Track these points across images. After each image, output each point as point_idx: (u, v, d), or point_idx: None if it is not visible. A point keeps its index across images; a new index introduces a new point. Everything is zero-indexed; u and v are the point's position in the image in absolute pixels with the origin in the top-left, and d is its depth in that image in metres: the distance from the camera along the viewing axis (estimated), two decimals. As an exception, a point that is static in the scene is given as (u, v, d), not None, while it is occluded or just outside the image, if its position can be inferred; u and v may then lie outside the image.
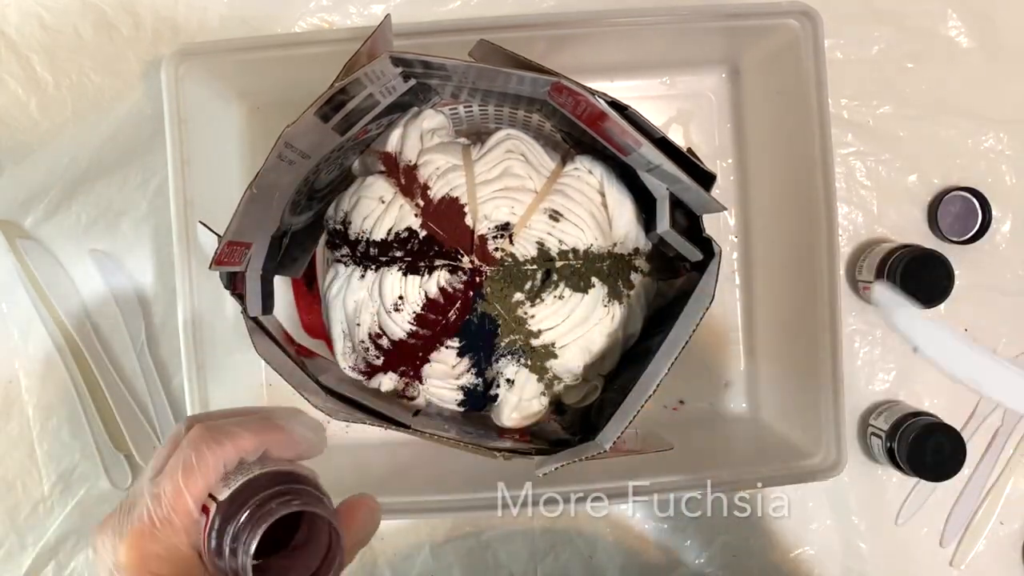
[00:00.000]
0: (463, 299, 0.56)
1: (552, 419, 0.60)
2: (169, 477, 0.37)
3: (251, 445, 0.38)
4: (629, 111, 0.49)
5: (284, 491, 0.37)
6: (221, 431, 0.38)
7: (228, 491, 0.37)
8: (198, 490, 0.37)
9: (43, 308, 0.70)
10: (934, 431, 0.64)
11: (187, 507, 0.36)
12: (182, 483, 0.36)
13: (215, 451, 0.37)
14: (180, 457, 0.37)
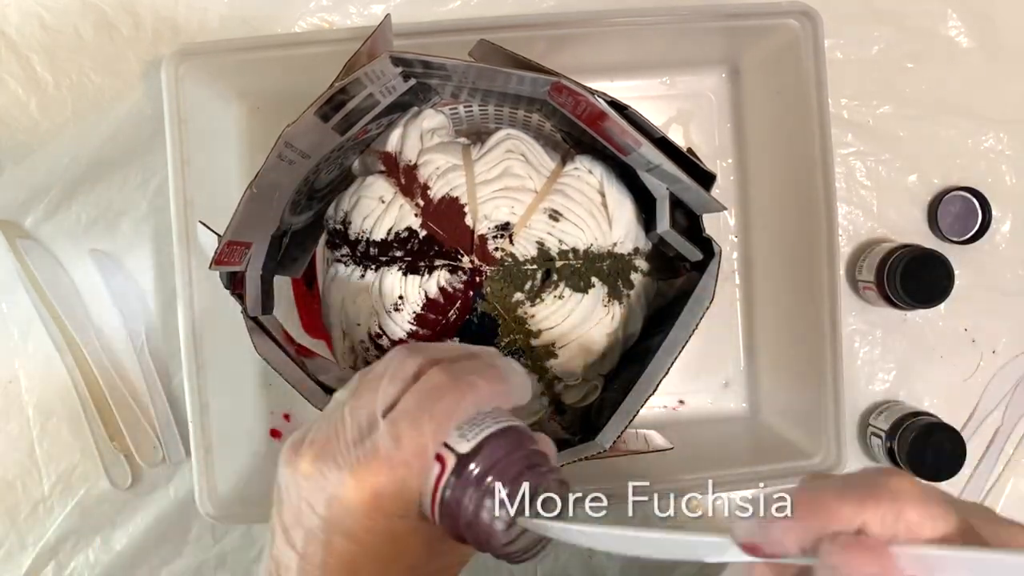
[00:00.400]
0: (463, 299, 0.56)
1: (552, 419, 0.60)
2: (412, 422, 0.35)
3: (487, 398, 0.38)
4: (629, 111, 0.49)
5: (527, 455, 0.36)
6: (463, 380, 0.37)
7: (468, 444, 0.36)
8: (439, 438, 0.36)
9: (43, 308, 0.70)
10: (934, 431, 0.64)
11: (426, 452, 0.35)
12: (427, 431, 0.35)
13: (459, 401, 0.36)
14: (421, 399, 0.36)
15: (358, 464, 0.35)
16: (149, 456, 0.70)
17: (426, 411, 0.36)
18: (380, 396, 0.36)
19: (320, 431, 0.36)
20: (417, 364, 0.38)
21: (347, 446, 0.35)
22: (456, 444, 0.36)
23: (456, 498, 0.35)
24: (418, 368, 0.38)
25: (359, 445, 0.35)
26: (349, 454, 0.35)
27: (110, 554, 0.70)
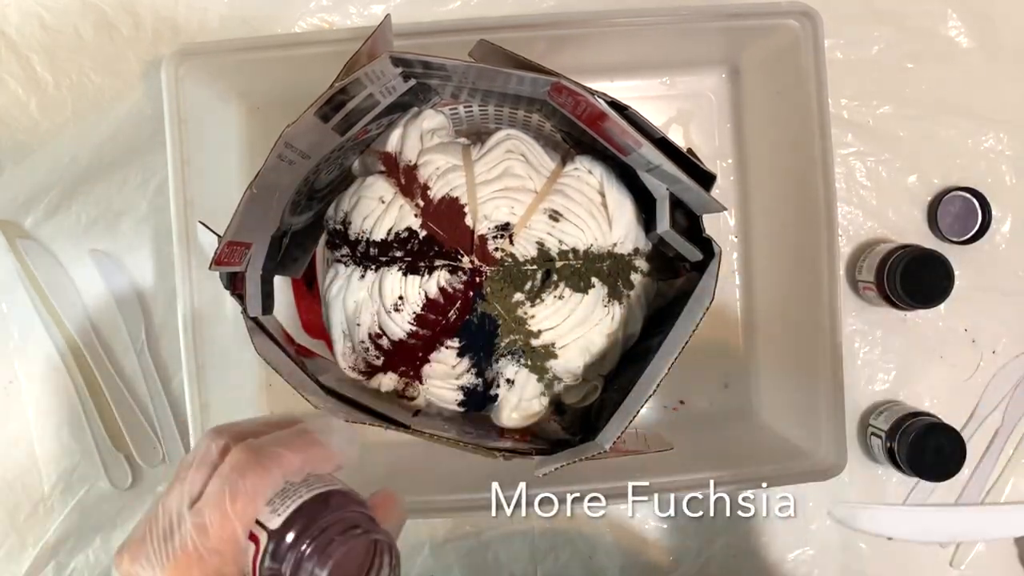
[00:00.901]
0: (463, 299, 0.56)
1: (552, 419, 0.60)
2: (215, 506, 0.35)
3: (297, 466, 0.37)
4: (629, 111, 0.49)
5: (342, 518, 0.36)
6: (265, 455, 0.36)
7: (279, 518, 0.35)
8: (247, 519, 0.35)
9: (43, 308, 0.70)
10: (934, 431, 0.64)
11: (236, 536, 0.35)
12: (232, 513, 0.35)
13: (263, 477, 0.36)
14: (224, 484, 0.35)
15: (168, 561, 0.34)
16: (149, 456, 0.70)
17: (230, 494, 0.35)
18: (186, 487, 0.36)
19: (137, 530, 0.36)
20: (221, 446, 0.37)
21: (158, 543, 0.35)
22: (268, 520, 0.35)
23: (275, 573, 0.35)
24: (222, 450, 0.37)
25: (169, 541, 0.35)
26: (160, 552, 0.35)
27: (110, 554, 0.70)
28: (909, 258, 0.63)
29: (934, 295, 0.65)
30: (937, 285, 0.64)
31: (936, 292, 0.64)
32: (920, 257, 0.64)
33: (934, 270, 0.64)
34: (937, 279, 0.64)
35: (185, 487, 0.36)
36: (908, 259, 0.63)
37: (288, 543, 0.35)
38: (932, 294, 0.64)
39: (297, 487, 0.37)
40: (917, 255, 0.64)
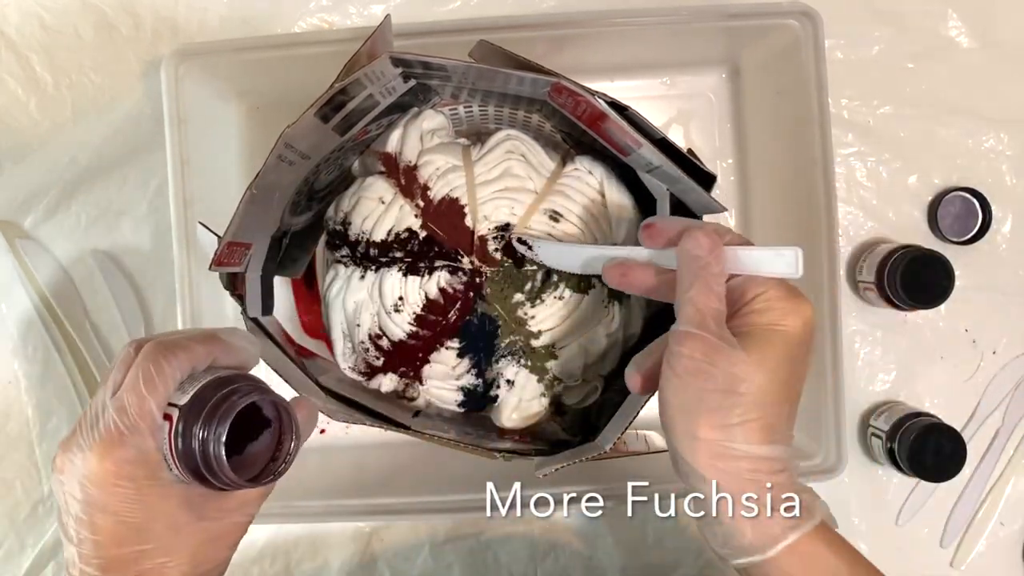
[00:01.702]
0: (463, 300, 0.56)
1: (552, 420, 0.59)
2: (131, 389, 0.39)
3: (202, 355, 0.42)
4: (629, 111, 0.49)
5: (239, 387, 0.40)
6: (174, 344, 0.41)
7: (187, 397, 0.40)
8: (160, 398, 0.39)
9: (43, 308, 0.70)
10: (934, 431, 0.64)
11: (152, 413, 0.39)
12: (145, 392, 0.39)
13: (171, 362, 0.40)
14: (139, 370, 0.39)
15: (95, 442, 0.38)
16: (149, 456, 0.70)
17: (143, 376, 0.39)
18: (109, 383, 0.40)
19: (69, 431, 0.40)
20: (135, 346, 0.41)
21: (86, 432, 0.39)
22: (178, 400, 0.40)
23: (187, 444, 0.39)
24: (136, 347, 0.41)
25: (95, 428, 0.39)
26: (88, 437, 0.39)
27: None
28: (909, 258, 0.63)
29: (934, 295, 0.65)
30: (937, 285, 0.64)
31: (936, 292, 0.64)
32: (920, 257, 0.64)
33: (934, 270, 0.64)
34: (937, 279, 0.64)
35: (108, 383, 0.40)
36: (908, 259, 0.63)
37: (195, 413, 0.39)
38: (932, 294, 0.64)
39: (203, 374, 0.41)
40: (917, 255, 0.64)
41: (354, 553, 0.70)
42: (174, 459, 0.39)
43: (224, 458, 0.39)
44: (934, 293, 0.64)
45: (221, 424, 0.39)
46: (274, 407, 0.42)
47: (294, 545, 0.70)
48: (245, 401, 0.40)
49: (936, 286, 0.64)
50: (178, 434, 0.39)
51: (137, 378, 0.39)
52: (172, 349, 0.40)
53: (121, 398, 0.39)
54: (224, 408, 0.39)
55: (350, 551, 0.70)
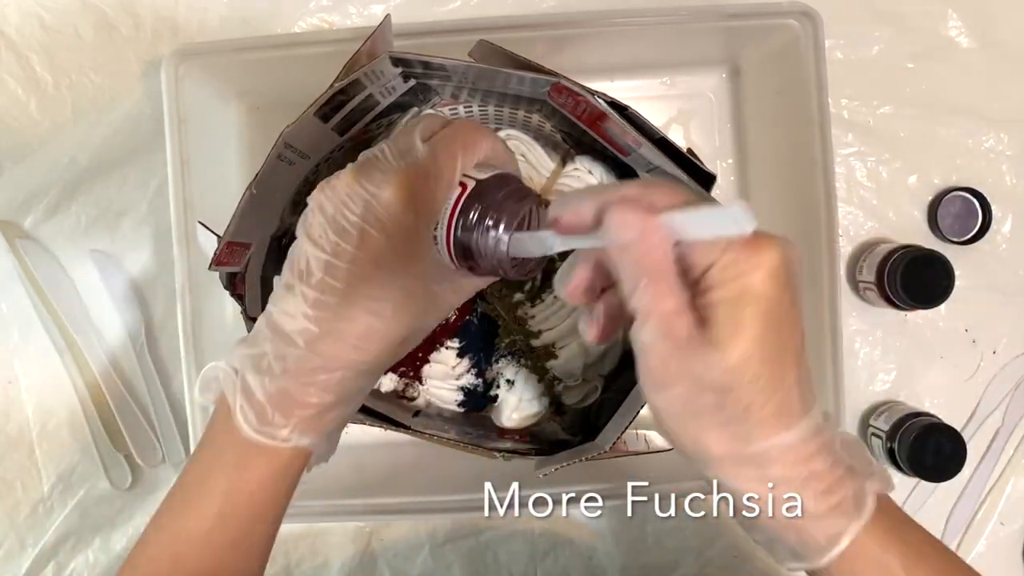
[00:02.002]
0: (463, 299, 0.56)
1: (552, 420, 0.60)
2: (445, 143, 0.39)
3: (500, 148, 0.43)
4: (629, 111, 0.49)
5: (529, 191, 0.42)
6: (484, 128, 0.42)
7: (484, 175, 0.41)
8: (466, 165, 0.40)
9: (43, 308, 0.70)
10: (934, 432, 0.64)
11: (455, 171, 0.40)
12: (459, 152, 0.40)
13: (483, 139, 0.41)
14: (456, 131, 0.40)
15: (396, 173, 0.38)
16: (149, 457, 0.70)
17: (457, 140, 0.40)
18: (420, 128, 0.40)
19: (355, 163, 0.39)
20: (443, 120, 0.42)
21: (387, 162, 0.39)
22: (475, 174, 0.41)
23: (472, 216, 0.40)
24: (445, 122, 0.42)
25: (400, 159, 0.39)
26: (389, 166, 0.38)
27: (110, 554, 0.70)
28: (909, 258, 0.63)
29: (934, 295, 0.65)
30: (937, 285, 0.64)
31: (936, 292, 0.64)
32: (920, 257, 0.64)
33: (934, 270, 0.64)
34: (937, 279, 0.64)
35: (418, 128, 0.40)
36: (908, 259, 0.63)
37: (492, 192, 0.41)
38: (932, 294, 0.64)
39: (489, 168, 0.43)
40: (917, 255, 0.64)
41: (354, 553, 0.70)
42: (451, 224, 0.40)
43: (507, 241, 0.40)
44: (934, 293, 0.64)
45: (511, 214, 0.40)
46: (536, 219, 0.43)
47: (294, 545, 0.70)
48: (533, 204, 0.42)
49: (936, 286, 0.64)
50: (469, 205, 0.40)
51: (455, 137, 0.40)
52: (484, 131, 0.42)
53: (434, 147, 0.39)
54: (517, 199, 0.41)
55: (350, 551, 0.70)
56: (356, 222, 0.38)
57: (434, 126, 0.41)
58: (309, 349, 0.38)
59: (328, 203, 0.38)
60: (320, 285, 0.38)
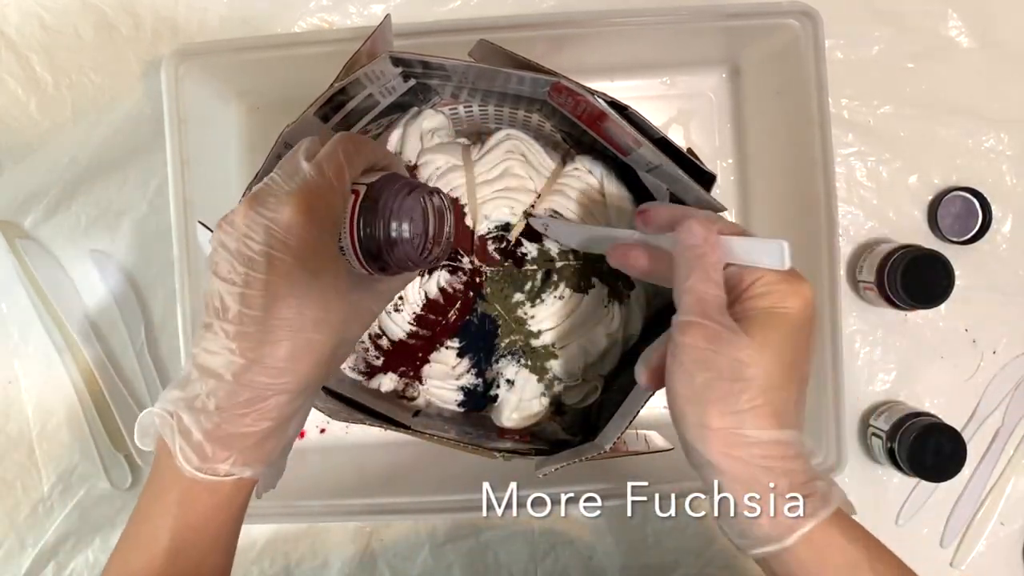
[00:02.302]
0: (463, 299, 0.56)
1: (552, 420, 0.59)
2: (330, 157, 0.41)
3: (383, 154, 0.45)
4: (629, 111, 0.49)
5: (419, 184, 0.44)
6: (365, 138, 0.44)
7: (373, 178, 0.43)
8: (353, 173, 0.42)
9: (43, 308, 0.70)
10: (934, 431, 0.64)
11: (345, 181, 0.41)
12: (344, 162, 0.41)
13: (365, 147, 0.43)
14: (338, 144, 0.41)
15: (289, 194, 0.39)
16: (149, 457, 0.69)
17: (339, 151, 0.41)
18: (303, 149, 0.41)
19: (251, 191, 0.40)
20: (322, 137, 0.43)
21: (278, 187, 0.40)
22: (364, 180, 0.43)
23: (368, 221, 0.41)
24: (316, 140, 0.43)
25: (290, 181, 0.40)
26: (281, 189, 0.39)
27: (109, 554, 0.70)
28: (909, 258, 0.63)
29: (934, 295, 0.65)
30: (937, 285, 0.64)
31: (936, 292, 0.64)
32: (920, 257, 0.64)
33: (934, 270, 0.64)
34: (937, 279, 0.64)
35: (301, 149, 0.41)
36: (908, 259, 0.63)
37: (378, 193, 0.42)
38: (932, 294, 0.64)
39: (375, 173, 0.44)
40: (917, 255, 0.64)
41: (354, 553, 0.70)
42: (352, 230, 0.41)
43: (409, 238, 0.42)
44: (934, 293, 0.64)
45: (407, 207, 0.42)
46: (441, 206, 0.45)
47: (294, 545, 0.70)
48: (427, 194, 0.43)
49: (936, 286, 0.64)
50: (364, 208, 0.41)
51: (336, 150, 0.41)
52: (366, 140, 0.43)
53: (320, 163, 0.40)
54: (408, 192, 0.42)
55: (350, 551, 0.70)
56: (261, 249, 0.38)
57: (314, 148, 0.42)
58: (238, 381, 0.38)
59: (229, 238, 0.39)
60: (238, 317, 0.38)
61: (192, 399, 0.39)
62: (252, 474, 0.40)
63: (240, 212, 0.39)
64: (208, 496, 0.40)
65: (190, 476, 0.39)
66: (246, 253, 0.38)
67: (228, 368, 0.38)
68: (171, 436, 0.39)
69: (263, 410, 0.39)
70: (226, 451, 0.39)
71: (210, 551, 0.41)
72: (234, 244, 0.39)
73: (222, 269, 0.39)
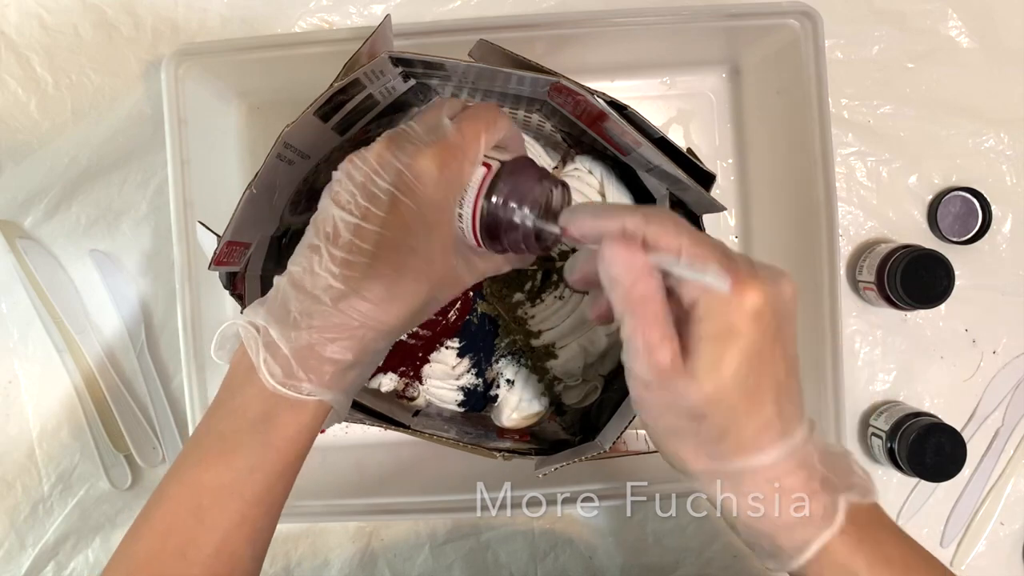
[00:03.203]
0: (463, 300, 0.56)
1: (552, 419, 0.60)
2: (472, 121, 0.41)
3: (516, 131, 0.45)
4: (628, 111, 0.49)
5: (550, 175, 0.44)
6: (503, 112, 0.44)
7: (507, 156, 0.43)
8: (488, 143, 0.42)
9: (43, 308, 0.70)
10: (934, 431, 0.64)
11: (479, 150, 0.41)
12: (483, 129, 0.41)
13: (503, 121, 0.43)
14: (480, 111, 0.42)
15: (428, 145, 0.40)
16: (149, 457, 0.70)
17: (481, 120, 0.42)
18: (446, 107, 0.42)
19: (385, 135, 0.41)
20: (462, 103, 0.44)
21: (418, 135, 0.40)
22: (498, 156, 0.43)
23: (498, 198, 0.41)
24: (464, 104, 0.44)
25: (432, 133, 0.41)
26: (421, 139, 0.40)
27: (110, 554, 0.70)
28: (909, 258, 0.63)
29: (934, 295, 0.65)
30: (937, 285, 0.64)
31: (936, 292, 0.64)
32: (920, 257, 0.64)
33: (934, 270, 0.64)
34: (937, 279, 0.64)
35: (445, 107, 0.42)
36: (908, 259, 0.63)
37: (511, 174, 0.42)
38: (932, 294, 0.64)
39: (504, 150, 0.45)
40: (917, 255, 0.64)
41: (354, 553, 0.70)
42: (477, 203, 0.42)
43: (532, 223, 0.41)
44: (934, 293, 0.64)
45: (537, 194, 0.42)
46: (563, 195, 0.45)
47: (294, 545, 0.70)
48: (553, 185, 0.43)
49: (936, 286, 0.64)
50: (495, 185, 0.42)
51: (478, 117, 0.42)
52: (502, 114, 0.44)
53: (461, 125, 0.41)
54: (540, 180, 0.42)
55: (350, 551, 0.70)
56: (387, 189, 0.39)
57: (456, 107, 0.43)
58: (335, 306, 0.38)
59: (357, 172, 0.40)
60: (348, 246, 0.39)
61: (285, 315, 0.39)
62: (331, 399, 0.40)
63: (375, 149, 0.40)
64: (292, 416, 0.39)
65: (273, 391, 0.38)
66: (371, 189, 0.39)
67: (328, 292, 0.39)
68: (256, 349, 0.39)
69: (352, 340, 0.39)
70: (311, 371, 0.39)
71: (283, 474, 0.40)
72: (361, 177, 0.39)
73: (342, 198, 0.39)
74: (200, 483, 0.39)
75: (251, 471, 0.39)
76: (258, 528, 0.40)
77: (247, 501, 0.39)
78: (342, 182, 0.40)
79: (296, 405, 0.39)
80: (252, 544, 0.41)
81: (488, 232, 0.42)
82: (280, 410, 0.39)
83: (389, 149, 0.39)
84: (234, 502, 0.39)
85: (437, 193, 0.39)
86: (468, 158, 0.41)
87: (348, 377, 0.40)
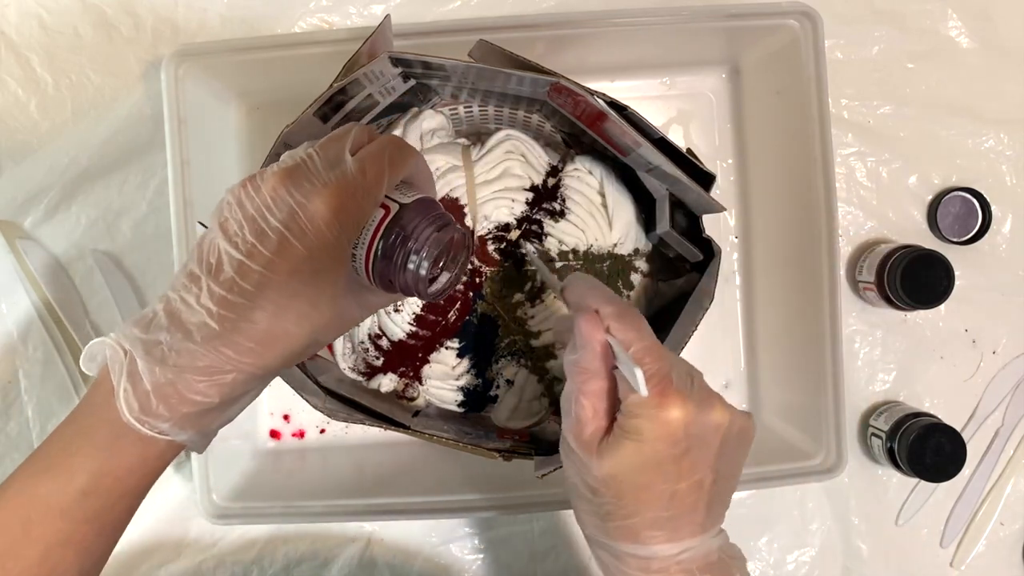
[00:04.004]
0: (463, 300, 0.56)
1: (552, 420, 0.60)
2: (375, 159, 0.39)
3: (423, 168, 0.44)
4: (628, 111, 0.49)
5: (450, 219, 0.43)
6: (409, 147, 0.42)
7: (408, 199, 0.42)
8: (392, 181, 0.40)
9: (43, 308, 0.70)
10: (934, 431, 0.64)
11: (381, 190, 0.39)
12: (387, 169, 0.39)
13: (410, 158, 0.42)
14: (385, 147, 0.40)
15: (326, 185, 0.37)
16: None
17: (385, 156, 0.40)
18: (351, 138, 0.40)
19: (283, 165, 0.38)
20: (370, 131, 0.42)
21: (317, 171, 0.38)
22: (398, 198, 0.42)
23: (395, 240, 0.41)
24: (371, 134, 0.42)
25: (330, 171, 0.38)
26: (319, 177, 0.38)
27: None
28: (909, 258, 0.63)
29: (934, 295, 0.65)
30: (937, 285, 0.64)
31: (936, 292, 0.64)
32: (920, 257, 0.64)
33: (934, 270, 0.64)
34: (937, 279, 0.64)
35: (349, 139, 0.39)
36: (908, 259, 0.63)
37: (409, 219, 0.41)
38: (932, 294, 0.64)
39: (410, 187, 0.44)
40: (917, 255, 0.64)
41: (354, 553, 0.70)
42: (372, 246, 0.41)
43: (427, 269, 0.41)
44: (934, 293, 0.64)
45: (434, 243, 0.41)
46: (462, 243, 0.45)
47: (294, 545, 0.70)
48: (455, 233, 0.43)
49: (936, 286, 0.64)
50: (391, 229, 0.41)
51: (383, 153, 0.40)
52: (410, 149, 0.42)
53: (364, 162, 0.39)
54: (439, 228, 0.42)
55: (350, 551, 0.70)
56: (277, 228, 0.37)
57: (362, 137, 0.40)
58: (206, 346, 0.37)
59: (248, 202, 0.37)
60: (228, 283, 0.37)
61: (153, 345, 0.37)
62: (187, 439, 0.39)
63: (270, 182, 0.37)
64: (138, 448, 0.38)
65: (126, 423, 0.37)
66: (260, 225, 0.37)
67: (201, 330, 0.37)
68: (118, 376, 0.37)
69: (219, 383, 0.38)
70: (170, 410, 0.37)
71: (122, 499, 0.39)
72: (252, 210, 0.37)
73: (231, 227, 0.37)
74: (34, 495, 0.39)
75: (84, 495, 0.38)
76: (87, 547, 0.39)
77: (76, 520, 0.38)
78: (232, 208, 0.38)
79: (145, 440, 0.38)
80: (79, 560, 0.39)
81: (380, 276, 0.42)
82: (127, 441, 0.38)
83: (284, 184, 0.37)
84: (62, 521, 0.38)
85: (330, 236, 0.37)
86: (368, 199, 0.39)
87: (209, 417, 0.39)
